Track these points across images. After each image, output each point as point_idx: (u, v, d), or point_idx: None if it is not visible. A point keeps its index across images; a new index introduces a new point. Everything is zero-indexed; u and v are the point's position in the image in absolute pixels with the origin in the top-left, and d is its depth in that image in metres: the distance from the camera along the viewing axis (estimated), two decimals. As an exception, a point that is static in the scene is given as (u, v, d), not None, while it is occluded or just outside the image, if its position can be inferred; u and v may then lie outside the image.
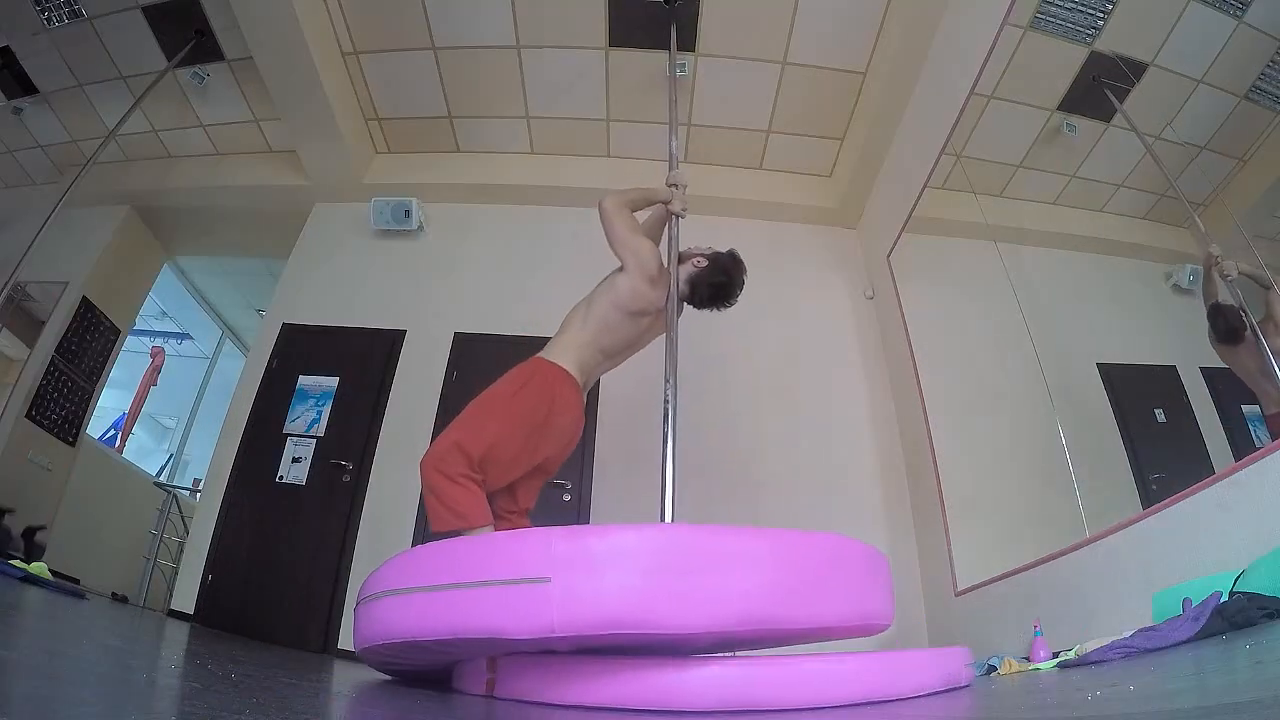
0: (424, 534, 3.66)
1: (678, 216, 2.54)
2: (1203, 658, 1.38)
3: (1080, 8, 2.79)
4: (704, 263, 2.41)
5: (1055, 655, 2.19)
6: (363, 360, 4.19)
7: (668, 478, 2.06)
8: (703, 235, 4.38)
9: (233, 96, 4.51)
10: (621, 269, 2.34)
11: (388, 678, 2.13)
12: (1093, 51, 2.86)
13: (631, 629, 1.34)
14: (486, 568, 1.46)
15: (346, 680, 2.03)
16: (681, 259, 2.43)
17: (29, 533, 3.86)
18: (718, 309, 2.46)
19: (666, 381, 2.22)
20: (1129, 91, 2.75)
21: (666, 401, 2.19)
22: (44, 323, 4.61)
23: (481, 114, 4.53)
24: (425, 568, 1.60)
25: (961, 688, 1.76)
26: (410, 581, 1.60)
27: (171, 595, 3.88)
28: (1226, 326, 2.32)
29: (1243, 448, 2.02)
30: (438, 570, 1.56)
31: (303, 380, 4.13)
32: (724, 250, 2.45)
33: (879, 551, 1.79)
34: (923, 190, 3.64)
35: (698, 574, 1.39)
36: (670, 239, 2.49)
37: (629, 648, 1.49)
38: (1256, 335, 2.19)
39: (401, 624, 1.58)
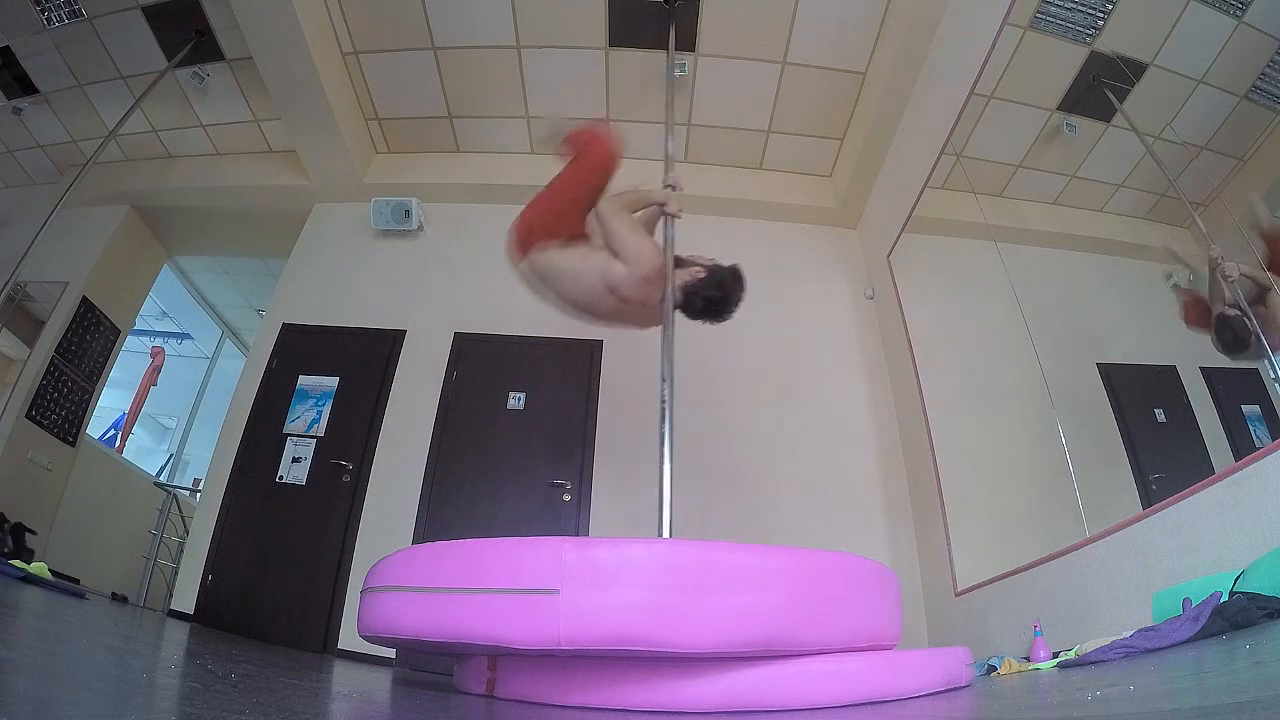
0: (424, 534, 3.67)
1: (673, 218, 2.53)
2: (1203, 658, 1.38)
3: (1080, 8, 2.79)
4: (702, 273, 2.34)
5: (1055, 655, 2.19)
6: (363, 360, 4.19)
7: (665, 478, 2.07)
8: (703, 235, 4.39)
9: (233, 96, 4.51)
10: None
11: (387, 677, 2.13)
12: (1093, 51, 2.86)
13: (637, 645, 1.34)
14: (496, 575, 1.45)
15: (346, 680, 2.03)
16: (681, 264, 2.39)
17: (19, 530, 3.85)
18: (709, 322, 2.39)
19: (664, 381, 2.22)
20: (1129, 91, 2.75)
21: (664, 402, 2.19)
22: (44, 323, 4.60)
23: (481, 114, 4.53)
24: (434, 568, 1.60)
25: (961, 688, 1.76)
26: (418, 580, 1.60)
27: (171, 595, 3.88)
28: (1234, 339, 2.31)
29: (1243, 448, 2.02)
30: (447, 572, 1.55)
31: (303, 380, 4.13)
32: (727, 264, 2.38)
33: (888, 570, 1.79)
34: (923, 190, 3.64)
35: (707, 593, 1.38)
36: (665, 240, 2.48)
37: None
38: (1262, 342, 2.19)
39: (407, 621, 1.58)
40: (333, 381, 4.12)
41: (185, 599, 3.64)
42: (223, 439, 4.04)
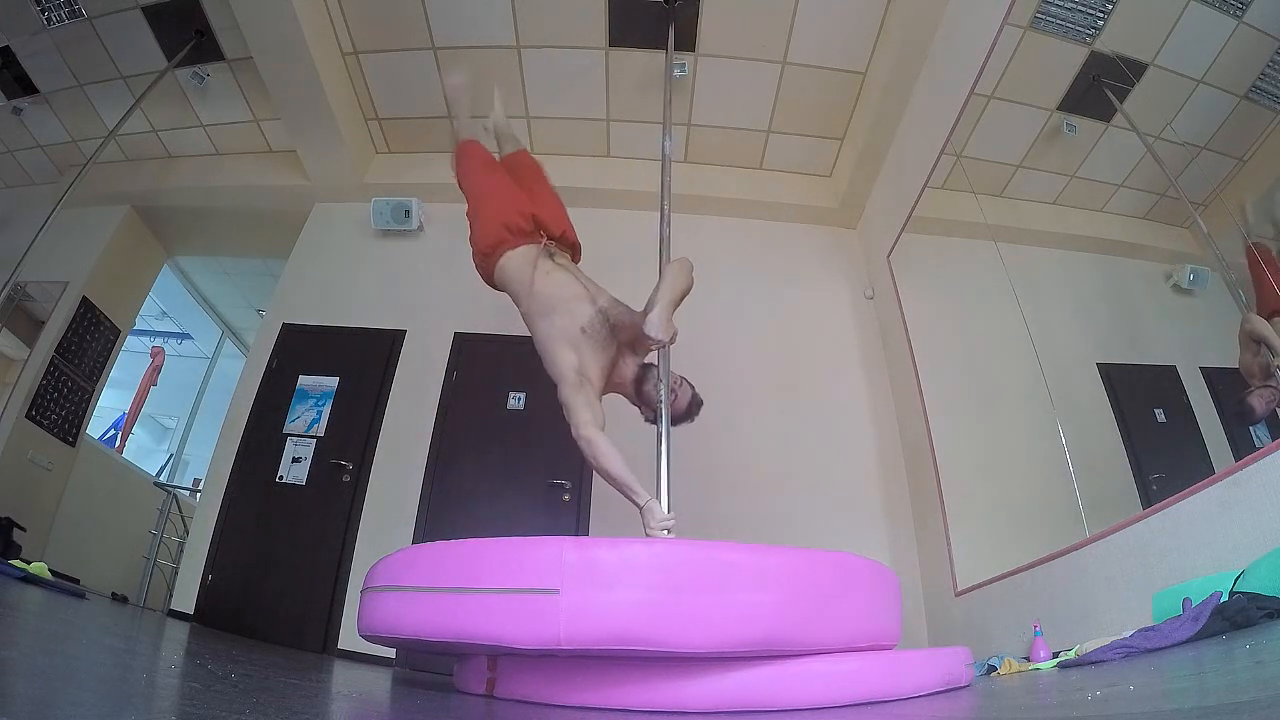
0: (424, 534, 3.67)
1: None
2: (1203, 658, 1.38)
3: (1080, 8, 2.79)
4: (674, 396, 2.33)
5: (1055, 655, 2.19)
6: (363, 360, 4.19)
7: (663, 478, 2.09)
8: (702, 235, 4.39)
9: (233, 96, 4.51)
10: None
11: (387, 677, 2.13)
12: (1093, 51, 2.86)
13: (637, 645, 1.34)
14: (497, 574, 1.45)
15: (346, 680, 2.03)
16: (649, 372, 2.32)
17: (7, 524, 3.83)
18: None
19: (660, 381, 2.24)
20: (1129, 91, 2.75)
21: (660, 401, 2.21)
22: (44, 323, 4.60)
23: (481, 114, 4.51)
24: (435, 567, 1.60)
25: (961, 688, 1.76)
26: (419, 580, 1.60)
27: (171, 595, 3.88)
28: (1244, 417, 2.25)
29: (1243, 448, 2.02)
30: (447, 572, 1.55)
31: (303, 380, 4.13)
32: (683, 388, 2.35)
33: (888, 570, 1.79)
34: (923, 190, 3.64)
35: (707, 593, 1.38)
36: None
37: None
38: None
39: (407, 621, 1.58)
40: (333, 381, 4.12)
41: (185, 599, 3.64)
42: (223, 439, 4.04)
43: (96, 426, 5.99)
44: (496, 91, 3.01)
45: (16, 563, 3.09)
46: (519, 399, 4.01)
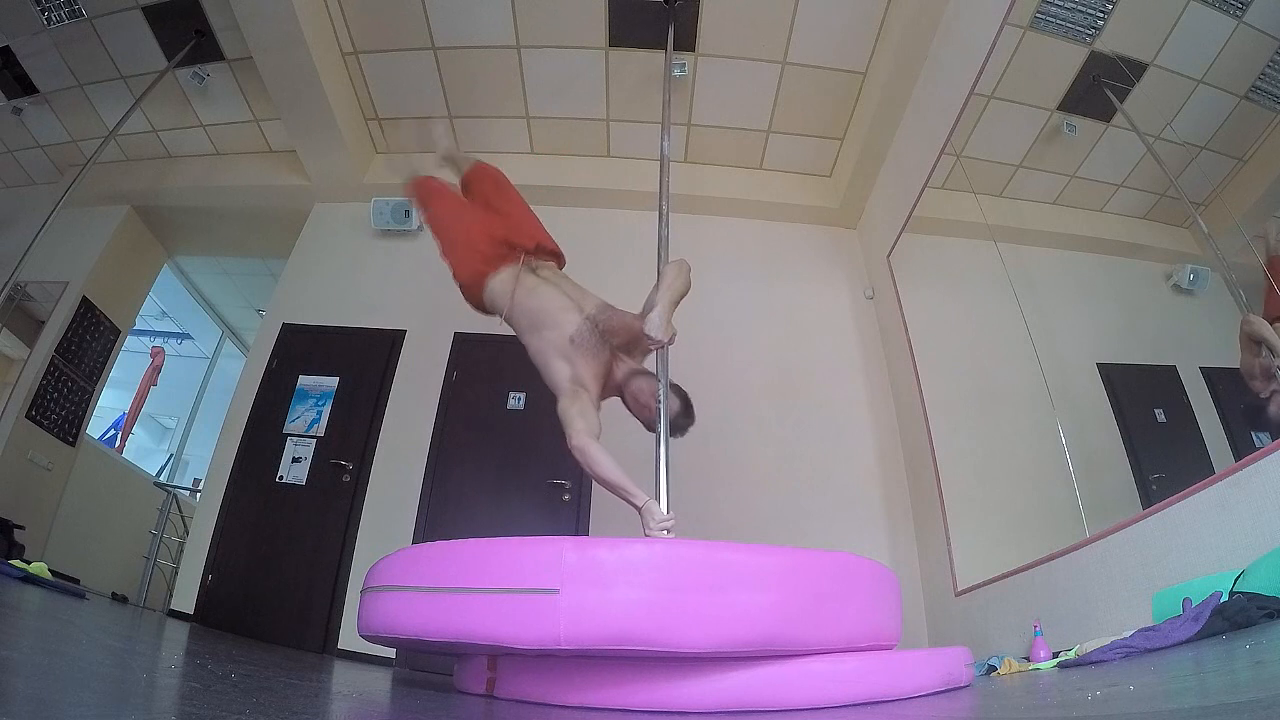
0: (424, 534, 3.66)
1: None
2: (1203, 658, 1.38)
3: (1080, 8, 2.79)
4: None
5: (1055, 655, 2.19)
6: (363, 360, 4.19)
7: (662, 478, 2.09)
8: (703, 235, 4.39)
9: (233, 96, 4.51)
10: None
11: (387, 677, 2.13)
12: (1093, 51, 2.86)
13: (637, 645, 1.34)
14: (496, 574, 1.46)
15: (346, 680, 2.03)
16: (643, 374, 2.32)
17: (7, 527, 3.84)
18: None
19: (659, 381, 2.24)
20: (1129, 91, 2.75)
21: (659, 402, 2.21)
22: (44, 323, 4.60)
23: (481, 114, 4.52)
24: (434, 568, 1.60)
25: (961, 688, 1.76)
26: (419, 580, 1.60)
27: (171, 595, 3.88)
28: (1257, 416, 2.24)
29: (1243, 448, 2.02)
30: (447, 572, 1.55)
31: (303, 380, 4.13)
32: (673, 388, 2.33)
33: (888, 570, 1.79)
34: (923, 190, 3.64)
35: (706, 592, 1.38)
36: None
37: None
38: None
39: (407, 622, 1.58)
40: (333, 381, 4.12)
41: (185, 599, 3.64)
42: (223, 439, 4.04)
43: (96, 426, 5.99)
44: (442, 125, 3.06)
45: (16, 563, 3.09)
46: (519, 399, 4.01)
